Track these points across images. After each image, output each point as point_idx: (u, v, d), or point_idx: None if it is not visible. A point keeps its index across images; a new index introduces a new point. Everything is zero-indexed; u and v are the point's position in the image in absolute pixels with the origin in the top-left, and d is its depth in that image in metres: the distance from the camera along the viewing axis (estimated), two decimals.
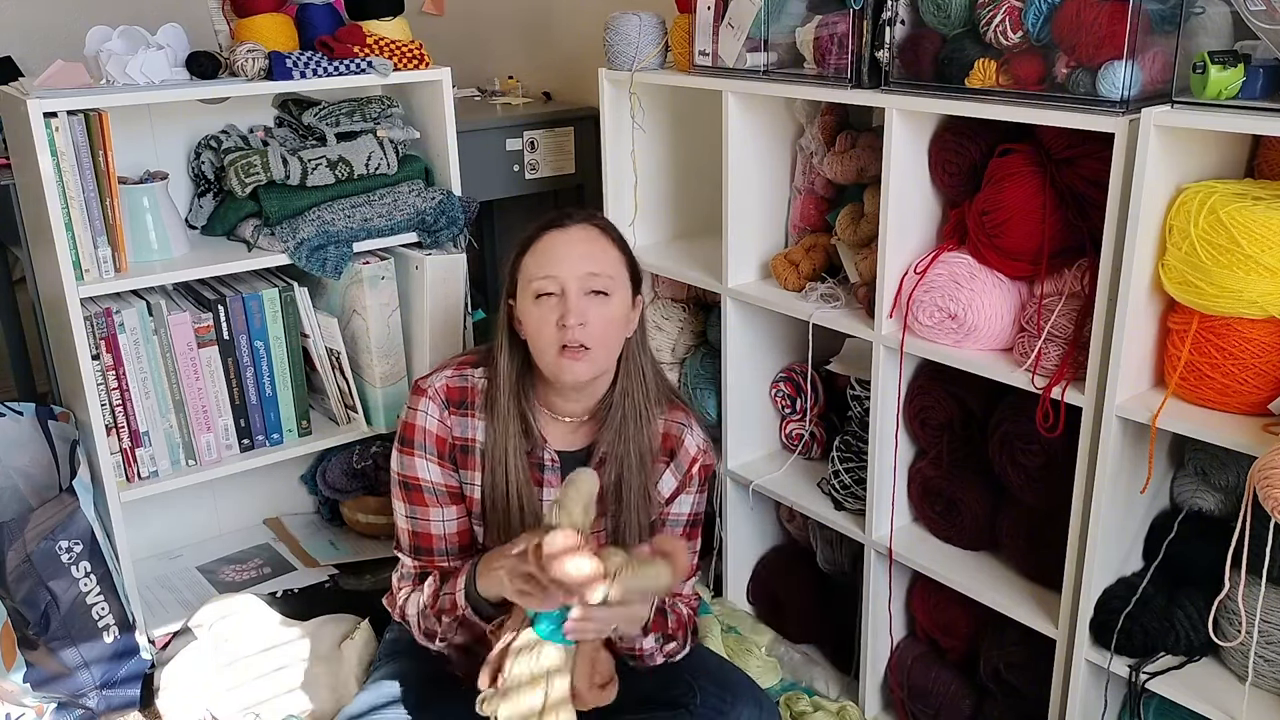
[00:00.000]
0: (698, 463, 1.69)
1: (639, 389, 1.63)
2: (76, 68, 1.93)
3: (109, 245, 1.93)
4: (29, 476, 2.19)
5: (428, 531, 1.63)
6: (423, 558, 1.64)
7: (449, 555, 1.64)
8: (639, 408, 1.63)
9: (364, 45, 2.13)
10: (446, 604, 1.54)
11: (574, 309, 1.51)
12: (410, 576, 1.64)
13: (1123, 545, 1.60)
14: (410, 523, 1.63)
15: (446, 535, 1.63)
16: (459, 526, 1.64)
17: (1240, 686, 1.49)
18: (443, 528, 1.63)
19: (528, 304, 1.55)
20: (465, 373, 1.64)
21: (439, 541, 1.63)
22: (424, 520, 1.62)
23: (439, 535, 1.63)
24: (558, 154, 2.77)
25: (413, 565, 1.64)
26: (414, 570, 1.64)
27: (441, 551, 1.63)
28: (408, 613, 1.63)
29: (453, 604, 1.53)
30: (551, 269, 1.53)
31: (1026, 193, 1.60)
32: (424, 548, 1.63)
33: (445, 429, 1.61)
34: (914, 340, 1.74)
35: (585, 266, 1.54)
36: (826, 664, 2.15)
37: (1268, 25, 1.26)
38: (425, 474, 1.61)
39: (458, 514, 1.64)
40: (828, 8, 1.77)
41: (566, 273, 1.53)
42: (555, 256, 1.54)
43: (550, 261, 1.54)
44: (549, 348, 1.53)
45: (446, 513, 1.63)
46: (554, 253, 1.54)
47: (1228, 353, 1.39)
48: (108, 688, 2.01)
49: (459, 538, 1.64)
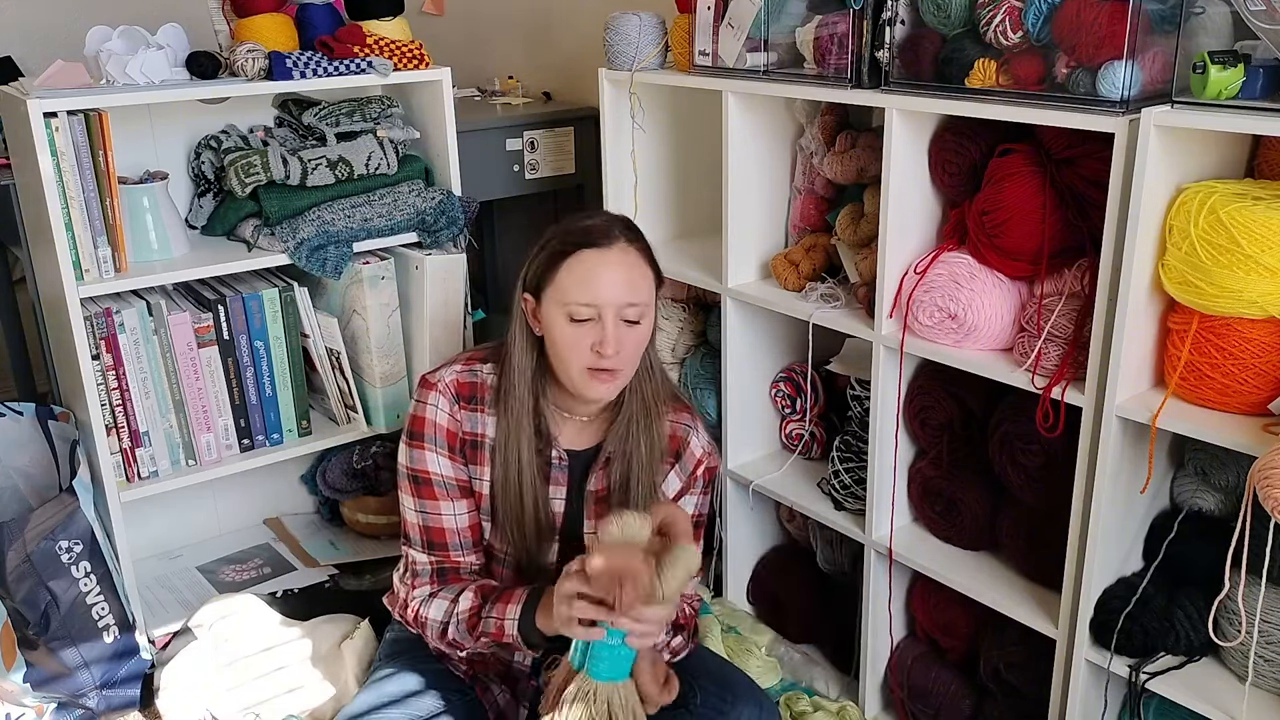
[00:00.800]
0: (702, 465, 1.69)
1: (648, 386, 1.63)
2: (76, 68, 1.93)
3: (109, 245, 1.93)
4: (29, 476, 2.19)
5: (440, 526, 1.62)
6: (437, 552, 1.63)
7: (463, 549, 1.63)
8: (648, 405, 1.63)
9: (364, 45, 2.13)
10: (491, 628, 1.53)
11: (611, 339, 1.50)
12: (427, 573, 1.62)
13: (1123, 545, 1.60)
14: (421, 517, 1.62)
15: (459, 529, 1.62)
16: (470, 520, 1.63)
17: (1240, 686, 1.49)
18: (455, 521, 1.62)
19: (557, 318, 1.53)
20: (475, 368, 1.63)
21: (453, 535, 1.62)
22: (435, 514, 1.62)
23: (452, 529, 1.62)
24: (558, 154, 2.77)
25: (428, 561, 1.63)
26: (430, 566, 1.63)
27: (456, 545, 1.63)
28: (428, 616, 1.60)
29: (499, 630, 1.52)
30: (593, 296, 1.50)
31: (1026, 193, 1.60)
32: (437, 542, 1.62)
33: (455, 423, 1.61)
34: (914, 340, 1.74)
35: (626, 298, 1.52)
36: (826, 664, 2.15)
37: (1268, 25, 1.26)
38: (436, 467, 1.61)
39: (468, 508, 1.63)
40: (828, 8, 1.77)
41: (606, 302, 1.50)
42: (597, 284, 1.50)
43: (591, 289, 1.50)
44: (576, 364, 1.52)
45: (458, 506, 1.62)
46: (596, 280, 1.51)
47: (1228, 353, 1.39)
48: (108, 688, 2.01)
49: (471, 532, 1.64)
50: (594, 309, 1.51)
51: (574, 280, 1.52)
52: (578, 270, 1.52)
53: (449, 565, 1.63)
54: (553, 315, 1.54)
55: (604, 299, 1.50)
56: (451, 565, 1.63)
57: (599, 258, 1.52)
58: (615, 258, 1.53)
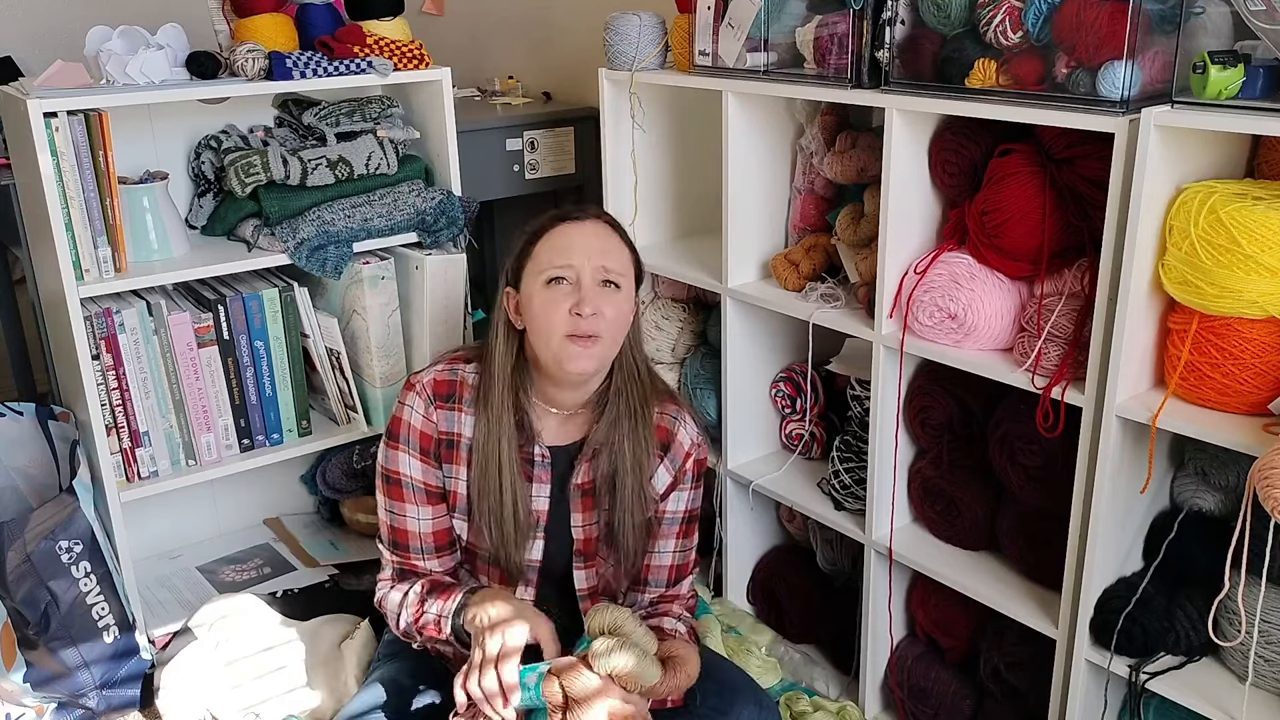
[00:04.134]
0: (691, 457, 1.69)
1: (634, 388, 1.63)
2: (76, 68, 1.93)
3: (109, 245, 1.93)
4: (29, 476, 2.19)
5: (404, 528, 1.64)
6: (399, 553, 1.65)
7: (424, 554, 1.64)
8: (634, 406, 1.63)
9: (364, 45, 2.13)
10: (430, 623, 1.55)
11: (588, 298, 1.53)
12: (389, 570, 1.66)
13: (1123, 545, 1.60)
14: (390, 516, 1.65)
15: (422, 534, 1.64)
16: (435, 526, 1.64)
17: (1240, 686, 1.49)
18: (418, 525, 1.63)
19: (536, 289, 1.55)
20: (455, 367, 1.64)
21: (414, 539, 1.64)
22: (401, 516, 1.63)
23: (414, 533, 1.63)
24: (558, 154, 2.77)
25: (391, 559, 1.65)
26: (393, 565, 1.65)
27: (417, 549, 1.64)
28: (385, 607, 1.64)
29: (437, 627, 1.54)
30: (568, 258, 1.54)
31: (1026, 193, 1.60)
32: (401, 543, 1.64)
33: (430, 425, 1.61)
34: (914, 340, 1.74)
35: (601, 259, 1.55)
36: (826, 664, 2.15)
37: (1268, 25, 1.26)
38: (406, 469, 1.62)
39: (434, 514, 1.64)
40: (828, 8, 1.77)
41: (582, 262, 1.54)
42: (572, 246, 1.55)
43: (567, 250, 1.55)
44: (556, 333, 1.53)
45: (423, 511, 1.63)
46: (571, 242, 1.56)
47: (1228, 353, 1.39)
48: (108, 688, 2.01)
49: (434, 538, 1.64)
50: (572, 269, 1.54)
51: (550, 248, 1.57)
52: (555, 239, 1.57)
53: (408, 568, 1.64)
54: (533, 290, 1.55)
55: (579, 259, 1.54)
56: (410, 568, 1.64)
57: (573, 226, 1.58)
58: (590, 228, 1.59)
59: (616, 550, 1.66)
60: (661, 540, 1.70)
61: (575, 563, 1.68)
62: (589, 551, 1.67)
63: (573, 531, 1.66)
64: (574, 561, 1.68)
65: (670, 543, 1.71)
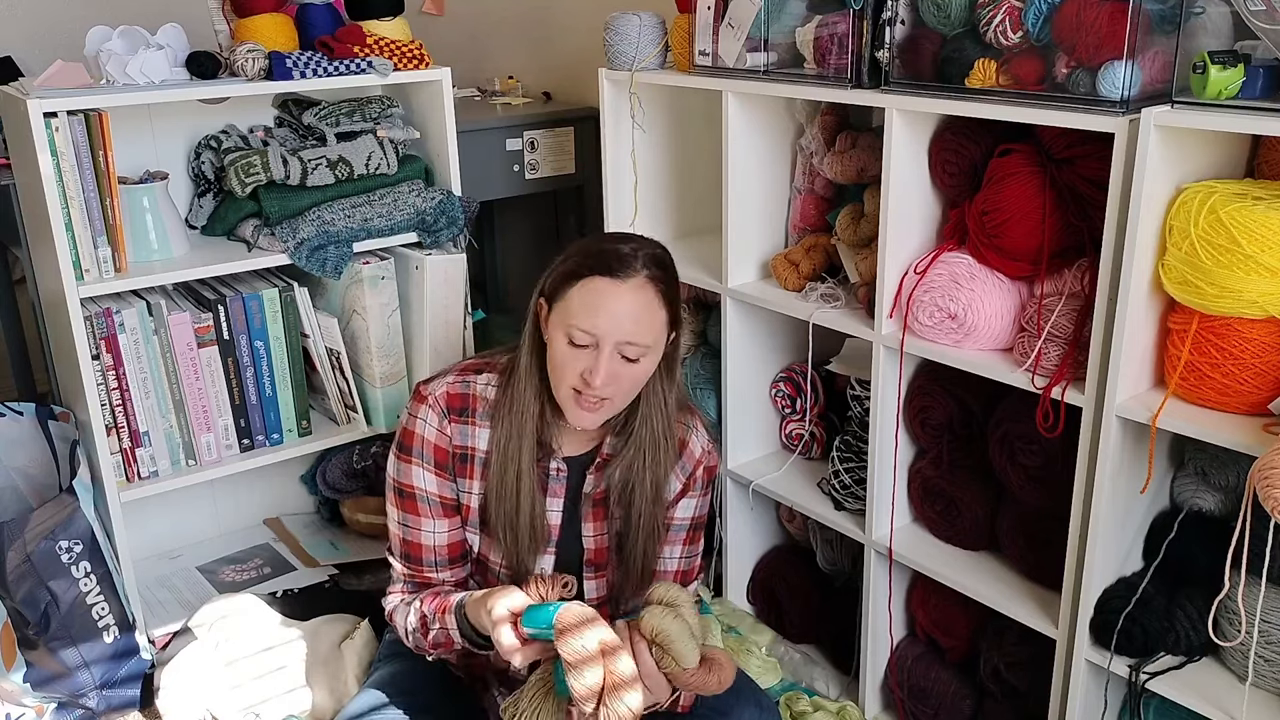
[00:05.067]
0: (702, 465, 1.68)
1: (659, 417, 1.59)
2: (76, 68, 1.93)
3: (109, 245, 1.93)
4: (29, 476, 2.19)
5: (418, 541, 1.61)
6: (412, 566, 1.63)
7: (438, 567, 1.63)
8: (656, 436, 1.59)
9: (364, 45, 2.13)
10: (441, 639, 1.54)
11: (601, 371, 1.46)
12: (401, 583, 1.64)
13: (1123, 545, 1.60)
14: (402, 529, 1.62)
15: (436, 547, 1.62)
16: (450, 539, 1.63)
17: (1240, 686, 1.49)
18: (433, 539, 1.61)
19: (558, 336, 1.50)
20: (468, 379, 1.60)
21: (428, 553, 1.62)
22: (415, 529, 1.61)
23: (429, 546, 1.62)
24: (558, 154, 2.77)
25: (404, 572, 1.64)
26: (405, 578, 1.64)
27: (431, 563, 1.62)
28: (395, 621, 1.63)
29: (448, 640, 1.53)
30: (594, 324, 1.46)
31: (1026, 193, 1.60)
32: (414, 556, 1.62)
33: (445, 438, 1.59)
34: (914, 340, 1.74)
35: (628, 335, 1.46)
36: (826, 664, 2.15)
37: (1268, 25, 1.26)
38: (421, 483, 1.60)
39: (449, 526, 1.62)
40: (828, 8, 1.77)
41: (606, 333, 1.46)
42: (600, 314, 1.46)
43: (594, 313, 1.46)
44: (565, 384, 1.50)
45: (438, 525, 1.61)
46: (600, 309, 1.46)
47: (1228, 353, 1.39)
48: (108, 688, 2.01)
49: (449, 550, 1.63)
50: (592, 338, 1.46)
51: (580, 304, 1.47)
52: (587, 295, 1.47)
53: (421, 580, 1.63)
54: (555, 332, 1.51)
55: (604, 330, 1.46)
56: (424, 581, 1.63)
57: (611, 288, 1.46)
58: (628, 293, 1.47)
59: (625, 560, 1.65)
60: (669, 546, 1.69)
61: (585, 573, 1.66)
62: (599, 561, 1.66)
63: (583, 542, 1.65)
64: (584, 571, 1.66)
65: (677, 549, 1.70)
